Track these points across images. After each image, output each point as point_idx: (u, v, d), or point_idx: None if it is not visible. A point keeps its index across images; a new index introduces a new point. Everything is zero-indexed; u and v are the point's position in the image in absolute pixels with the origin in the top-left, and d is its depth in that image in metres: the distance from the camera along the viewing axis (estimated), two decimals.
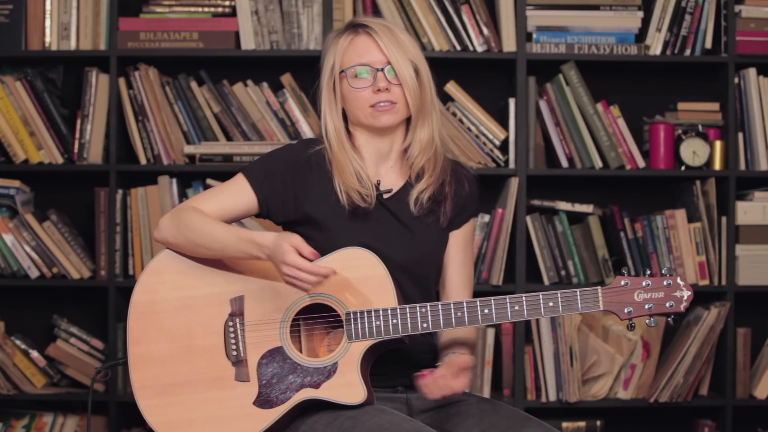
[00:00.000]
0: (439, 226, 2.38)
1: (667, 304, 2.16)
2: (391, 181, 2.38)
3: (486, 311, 2.18)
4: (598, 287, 2.17)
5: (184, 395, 2.20)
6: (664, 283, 2.16)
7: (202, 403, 2.20)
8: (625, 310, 2.16)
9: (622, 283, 2.17)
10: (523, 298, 2.17)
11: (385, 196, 2.36)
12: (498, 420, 2.21)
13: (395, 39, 2.32)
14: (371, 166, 2.37)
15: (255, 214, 2.34)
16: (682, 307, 2.16)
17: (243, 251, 2.20)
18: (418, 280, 2.35)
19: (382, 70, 2.30)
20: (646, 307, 2.16)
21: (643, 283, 2.16)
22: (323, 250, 2.26)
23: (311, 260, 2.14)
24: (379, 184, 2.35)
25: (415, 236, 2.35)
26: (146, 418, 2.21)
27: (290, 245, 2.12)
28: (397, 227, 2.34)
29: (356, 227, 2.31)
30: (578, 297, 2.16)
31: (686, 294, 2.16)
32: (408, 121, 2.39)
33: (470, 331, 2.39)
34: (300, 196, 2.32)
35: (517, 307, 2.17)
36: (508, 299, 2.17)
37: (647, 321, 2.18)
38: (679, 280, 2.16)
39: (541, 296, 2.16)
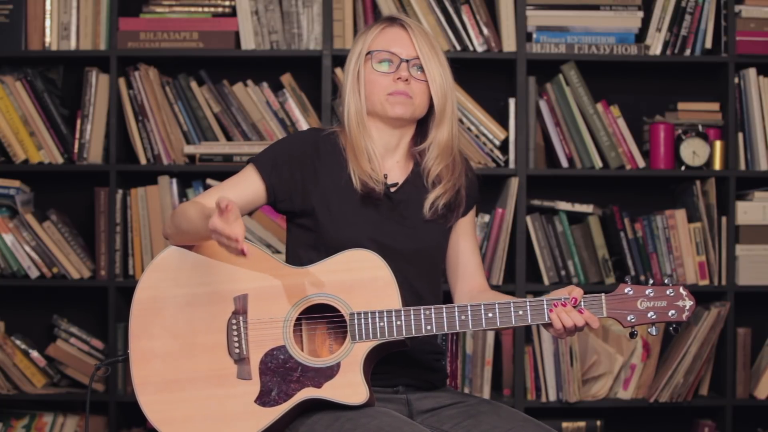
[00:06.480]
0: (446, 224, 2.39)
1: (670, 313, 2.18)
2: (396, 175, 2.40)
3: (490, 315, 2.18)
4: (602, 294, 2.19)
5: (185, 392, 2.20)
6: (667, 292, 2.18)
7: (203, 401, 2.19)
8: (628, 318, 2.18)
9: (626, 290, 2.19)
10: (527, 303, 2.18)
11: (392, 189, 2.37)
12: (497, 422, 2.21)
13: (428, 39, 2.37)
14: (379, 159, 2.39)
15: (263, 202, 2.35)
16: (684, 316, 2.19)
17: (206, 228, 2.10)
18: (424, 272, 2.36)
19: (408, 62, 2.34)
20: (649, 315, 2.18)
21: (647, 292, 2.19)
22: (329, 241, 2.28)
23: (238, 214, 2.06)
24: (386, 177, 2.37)
25: (419, 229, 2.36)
26: (146, 413, 2.20)
27: (216, 206, 2.04)
28: (402, 220, 2.36)
29: (363, 218, 2.32)
30: (582, 304, 2.17)
31: (689, 303, 2.19)
32: (419, 124, 2.41)
33: None
34: (308, 184, 2.33)
35: (521, 312, 2.18)
36: (512, 303, 2.18)
37: (649, 329, 2.20)
38: (681, 289, 2.19)
39: (545, 301, 2.17)
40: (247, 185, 2.32)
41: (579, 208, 3.57)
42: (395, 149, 2.41)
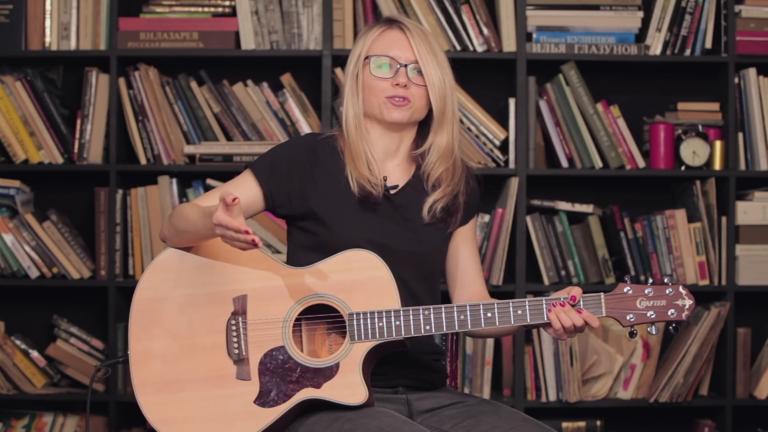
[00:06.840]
0: (446, 229, 2.39)
1: (669, 312, 2.18)
2: (397, 177, 2.39)
3: (489, 315, 2.18)
4: (601, 294, 2.19)
5: (185, 393, 2.20)
6: (667, 291, 2.18)
7: (203, 401, 2.19)
8: (628, 317, 2.18)
9: (625, 290, 2.19)
10: (526, 303, 2.18)
11: (392, 191, 2.36)
12: (497, 422, 2.21)
13: (427, 41, 2.35)
14: (378, 162, 2.38)
15: (261, 208, 2.34)
16: (684, 315, 2.18)
17: (208, 227, 2.11)
18: (423, 275, 2.36)
19: (406, 66, 2.32)
20: (648, 314, 2.18)
21: (646, 291, 2.18)
22: (329, 244, 2.27)
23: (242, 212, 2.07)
24: (386, 179, 2.36)
25: (419, 232, 2.35)
26: (146, 414, 2.20)
27: (220, 201, 2.04)
28: (403, 222, 2.35)
29: (363, 220, 2.32)
30: (581, 303, 2.17)
31: (688, 303, 2.18)
32: (420, 125, 2.41)
33: None
34: (307, 188, 2.32)
35: (519, 311, 2.18)
36: (511, 303, 2.18)
37: (648, 328, 2.20)
38: (681, 288, 2.19)
39: (544, 301, 2.17)
40: (245, 190, 2.31)
41: (579, 208, 3.57)
42: (395, 152, 2.40)
